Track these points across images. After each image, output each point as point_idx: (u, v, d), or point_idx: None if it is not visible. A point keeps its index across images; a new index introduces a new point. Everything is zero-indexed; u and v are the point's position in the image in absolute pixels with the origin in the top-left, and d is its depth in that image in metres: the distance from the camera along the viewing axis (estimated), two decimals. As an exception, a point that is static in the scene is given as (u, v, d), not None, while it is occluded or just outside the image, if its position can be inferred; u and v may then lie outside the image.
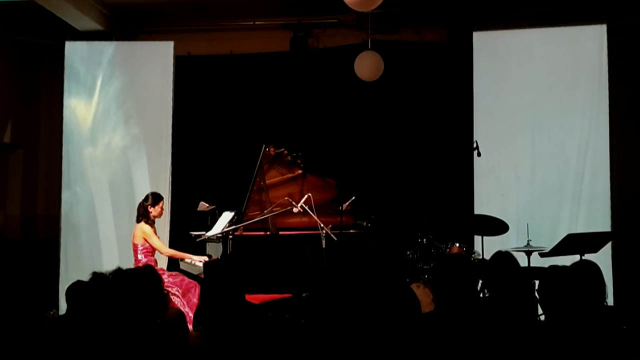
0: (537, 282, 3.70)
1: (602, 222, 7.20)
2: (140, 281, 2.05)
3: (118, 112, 8.27)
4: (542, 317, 4.49)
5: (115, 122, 8.26)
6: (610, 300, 4.69)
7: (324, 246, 6.31)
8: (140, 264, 6.31)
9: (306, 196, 6.57)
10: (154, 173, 8.14)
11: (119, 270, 3.95)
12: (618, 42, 7.66)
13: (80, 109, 8.28)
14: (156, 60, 8.27)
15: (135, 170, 8.18)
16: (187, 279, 6.41)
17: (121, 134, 8.24)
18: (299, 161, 7.04)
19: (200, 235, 6.88)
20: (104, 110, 8.29)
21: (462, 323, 3.16)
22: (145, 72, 8.29)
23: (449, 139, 8.18)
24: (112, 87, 8.29)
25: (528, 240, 6.52)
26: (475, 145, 6.99)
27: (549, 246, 6.25)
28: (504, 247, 5.47)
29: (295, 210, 6.57)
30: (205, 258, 6.56)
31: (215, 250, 6.69)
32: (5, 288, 7.62)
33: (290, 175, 7.04)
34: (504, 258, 3.99)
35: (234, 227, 6.56)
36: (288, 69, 8.75)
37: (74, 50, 8.30)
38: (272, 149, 6.87)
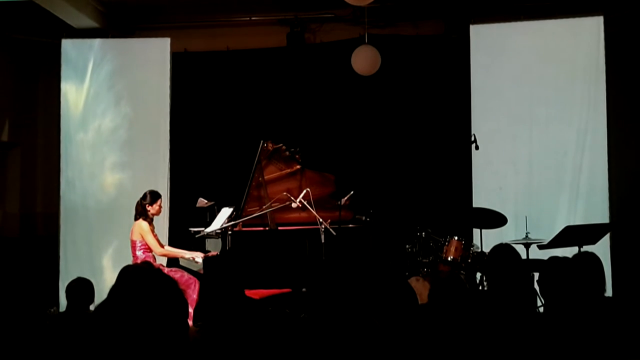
0: (536, 274, 3.72)
1: (600, 214, 7.22)
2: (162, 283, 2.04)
3: (118, 110, 8.27)
4: (541, 309, 4.50)
5: (117, 123, 8.26)
6: (608, 292, 4.70)
7: (323, 241, 6.30)
8: (139, 261, 6.33)
9: (305, 191, 6.57)
10: (152, 171, 8.13)
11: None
12: (615, 34, 7.66)
13: (74, 100, 8.28)
14: (153, 57, 8.26)
15: (132, 166, 8.19)
16: (186, 275, 6.43)
17: (119, 125, 8.24)
18: (297, 156, 7.03)
19: (199, 232, 6.88)
20: (103, 106, 8.29)
21: (460, 315, 3.17)
22: (142, 69, 8.28)
23: (446, 132, 8.18)
24: (112, 85, 8.28)
25: (526, 233, 6.54)
26: (473, 139, 6.99)
27: (547, 238, 6.27)
28: (502, 240, 5.52)
29: (294, 205, 6.56)
30: (200, 253, 6.55)
31: (214, 246, 6.69)
32: (5, 286, 7.63)
33: (289, 170, 7.03)
34: (504, 250, 4.00)
35: (233, 222, 6.56)
36: (285, 64, 8.73)
37: (70, 48, 8.29)
38: (270, 145, 6.86)
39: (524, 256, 6.13)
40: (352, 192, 6.95)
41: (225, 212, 6.78)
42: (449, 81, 8.27)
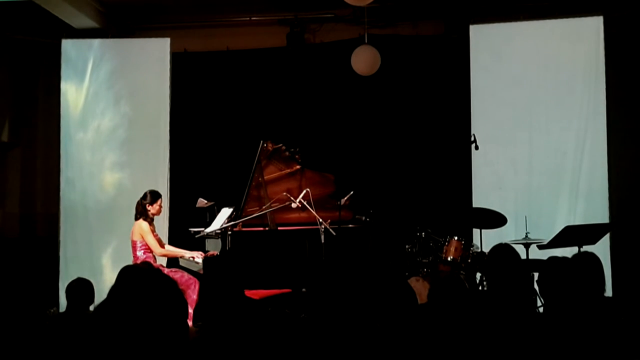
0: (536, 274, 3.72)
1: (600, 214, 7.22)
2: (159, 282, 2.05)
3: (117, 110, 8.27)
4: (541, 309, 4.51)
5: (117, 122, 8.26)
6: (608, 292, 4.70)
7: (322, 241, 6.29)
8: (139, 261, 6.33)
9: (304, 191, 6.56)
10: (152, 170, 8.14)
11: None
12: (615, 34, 7.66)
13: (74, 100, 8.28)
14: (153, 57, 8.27)
15: (132, 165, 8.19)
16: (186, 275, 6.43)
17: (119, 124, 8.24)
18: (297, 156, 7.03)
19: (199, 232, 6.88)
20: (103, 106, 8.29)
21: (459, 316, 3.17)
22: (141, 69, 8.29)
23: (446, 132, 8.18)
24: (111, 85, 8.28)
25: (526, 233, 6.54)
26: (472, 139, 6.99)
27: (547, 238, 6.27)
28: (502, 240, 5.51)
29: (293, 205, 6.56)
30: (200, 253, 6.56)
31: (214, 246, 6.69)
32: (5, 286, 7.63)
33: (289, 170, 7.03)
34: (504, 250, 4.00)
35: (232, 222, 6.56)
36: (285, 64, 8.73)
37: (70, 48, 8.29)
38: (270, 145, 6.86)
39: (523, 256, 6.14)
40: (352, 192, 6.94)
41: (225, 212, 6.78)
42: (448, 81, 8.26)
